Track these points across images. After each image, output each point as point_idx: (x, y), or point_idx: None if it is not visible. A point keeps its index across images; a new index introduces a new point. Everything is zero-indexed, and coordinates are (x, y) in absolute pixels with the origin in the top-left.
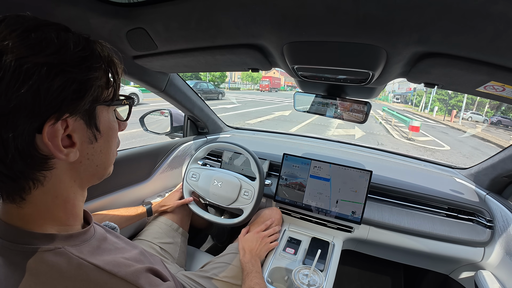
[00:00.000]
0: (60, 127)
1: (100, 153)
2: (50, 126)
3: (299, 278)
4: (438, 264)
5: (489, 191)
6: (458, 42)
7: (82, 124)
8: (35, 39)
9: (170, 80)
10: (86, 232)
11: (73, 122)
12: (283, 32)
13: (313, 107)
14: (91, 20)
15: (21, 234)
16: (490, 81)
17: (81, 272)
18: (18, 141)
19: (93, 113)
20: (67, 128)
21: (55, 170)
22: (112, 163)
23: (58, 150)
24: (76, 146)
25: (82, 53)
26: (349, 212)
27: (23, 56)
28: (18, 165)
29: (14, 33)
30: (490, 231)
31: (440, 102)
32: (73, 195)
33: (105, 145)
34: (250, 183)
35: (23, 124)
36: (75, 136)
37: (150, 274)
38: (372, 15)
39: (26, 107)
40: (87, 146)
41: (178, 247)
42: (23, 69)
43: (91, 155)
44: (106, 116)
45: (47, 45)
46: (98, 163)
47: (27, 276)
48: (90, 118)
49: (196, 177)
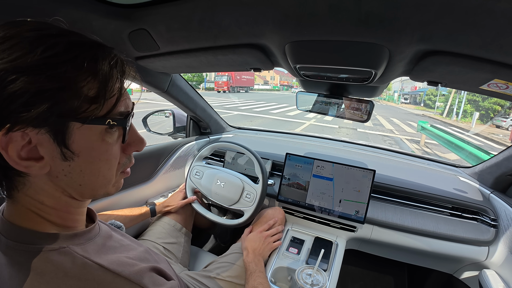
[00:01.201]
0: (20, 138)
1: (81, 173)
2: (2, 136)
3: (302, 277)
4: (442, 264)
5: (493, 189)
6: (461, 39)
7: (49, 139)
8: (5, 46)
9: (173, 80)
10: (90, 231)
11: (36, 135)
12: (285, 31)
13: (316, 106)
14: (93, 22)
15: (25, 233)
16: (494, 79)
17: (85, 272)
18: None
19: (62, 129)
20: (31, 140)
21: (32, 178)
22: (107, 185)
23: (13, 161)
24: (45, 160)
25: (51, 59)
26: (353, 212)
27: None
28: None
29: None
30: (495, 230)
31: (471, 104)
32: (64, 204)
33: (88, 166)
34: (252, 185)
35: None
36: (40, 149)
37: (154, 273)
38: (374, 13)
39: None
40: (61, 162)
41: (181, 247)
42: None
43: (69, 172)
44: (87, 134)
45: (13, 51)
46: (81, 183)
47: (31, 276)
48: (56, 134)
49: (200, 175)
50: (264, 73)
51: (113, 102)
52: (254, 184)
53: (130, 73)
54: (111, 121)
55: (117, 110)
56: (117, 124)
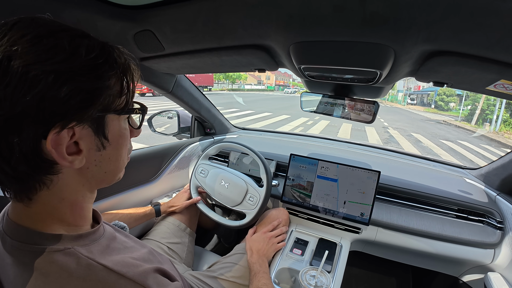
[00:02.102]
0: (66, 135)
1: (109, 160)
2: (54, 134)
3: (306, 279)
4: (447, 266)
5: (499, 191)
6: (467, 40)
7: (89, 132)
8: (45, 46)
9: (177, 81)
10: (95, 232)
11: (80, 130)
12: (290, 32)
13: (320, 107)
14: (98, 23)
15: (30, 234)
16: (500, 79)
17: (90, 273)
18: (23, 146)
19: (102, 122)
20: (73, 136)
21: (62, 174)
22: (122, 169)
23: (62, 157)
24: (83, 153)
25: (94, 61)
26: (357, 213)
27: (31, 62)
28: (22, 167)
29: (25, 38)
30: (500, 232)
31: (506, 109)
32: (81, 198)
33: (115, 152)
34: (256, 188)
35: (28, 130)
36: (81, 143)
37: (158, 274)
38: (379, 13)
39: (31, 114)
40: (95, 153)
41: (185, 247)
42: (30, 76)
43: (99, 162)
44: (117, 124)
45: (57, 52)
46: (107, 170)
47: (36, 276)
48: (98, 127)
49: (205, 174)
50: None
51: (132, 93)
52: (258, 187)
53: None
54: (137, 110)
55: (132, 100)
56: (141, 112)
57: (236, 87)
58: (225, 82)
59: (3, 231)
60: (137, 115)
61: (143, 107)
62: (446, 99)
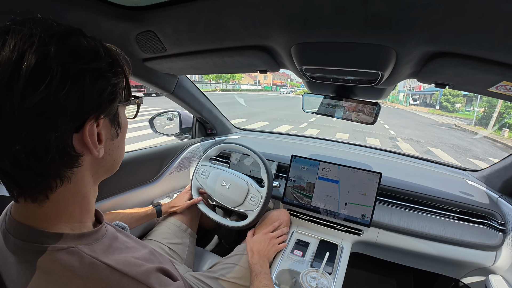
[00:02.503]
0: (95, 126)
1: (118, 149)
2: (90, 125)
3: (307, 280)
4: (449, 268)
5: (501, 193)
6: (469, 41)
7: (108, 123)
8: (72, 46)
9: (179, 82)
10: (98, 231)
11: (102, 121)
12: (291, 33)
13: (322, 108)
14: (101, 24)
15: (34, 233)
16: (502, 81)
17: (93, 271)
18: (59, 141)
19: (116, 112)
20: (97, 127)
21: (82, 167)
22: (122, 158)
23: (95, 146)
24: (103, 143)
25: (110, 59)
26: (358, 215)
27: (68, 62)
28: (56, 164)
29: (53, 38)
30: (502, 234)
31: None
32: (89, 191)
33: (122, 140)
34: (258, 188)
35: (64, 125)
36: (102, 133)
37: (160, 273)
38: (380, 14)
39: (71, 109)
40: (110, 142)
41: (186, 248)
42: (70, 74)
43: (112, 150)
44: (123, 114)
45: (85, 52)
46: (115, 158)
47: (39, 275)
48: (114, 117)
49: (206, 175)
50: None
51: (129, 85)
52: (259, 187)
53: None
54: (137, 100)
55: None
56: (140, 101)
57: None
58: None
59: (6, 230)
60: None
61: (139, 98)
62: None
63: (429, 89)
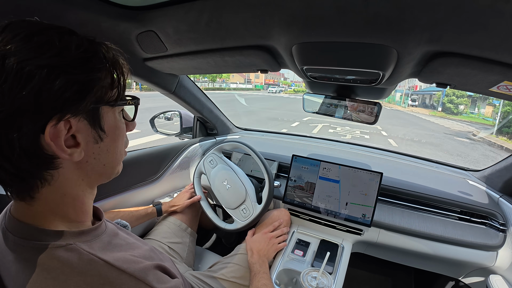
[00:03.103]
0: (63, 127)
1: (107, 153)
2: (52, 127)
3: (307, 280)
4: (449, 268)
5: (502, 193)
6: (470, 41)
7: (86, 125)
8: (37, 42)
9: (180, 81)
10: (97, 228)
11: (77, 123)
12: (292, 33)
13: (322, 108)
14: (102, 24)
15: (32, 230)
16: (503, 81)
17: (91, 268)
18: (23, 141)
19: (97, 114)
20: (70, 129)
21: (62, 169)
22: (120, 162)
23: (61, 150)
24: (81, 146)
25: (84, 54)
26: (359, 214)
27: (25, 59)
28: (24, 164)
29: (17, 37)
30: (503, 234)
31: None
32: (82, 193)
33: (112, 144)
34: (253, 203)
35: (27, 125)
36: (79, 136)
37: (158, 271)
38: (382, 14)
39: (29, 108)
40: (93, 146)
41: (186, 247)
42: (25, 71)
43: (98, 154)
44: (112, 116)
45: (49, 47)
46: (105, 162)
47: (38, 272)
48: (94, 119)
49: (213, 164)
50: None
51: (123, 85)
52: (256, 202)
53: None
54: (130, 101)
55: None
56: (134, 103)
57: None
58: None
59: (5, 228)
60: (131, 107)
61: (135, 99)
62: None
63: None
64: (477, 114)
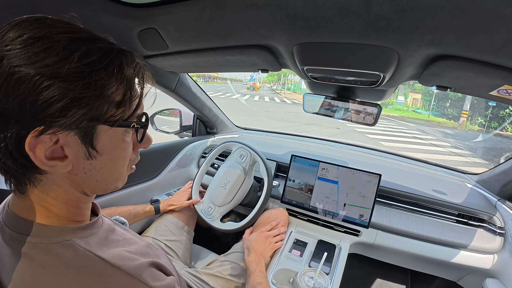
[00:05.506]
0: (48, 139)
1: (101, 170)
2: (32, 138)
3: (304, 280)
4: (447, 271)
5: (500, 197)
6: (471, 44)
7: (76, 140)
8: (37, 48)
9: (180, 80)
10: (93, 224)
11: (65, 137)
12: (294, 33)
13: (322, 109)
14: (103, 20)
15: (29, 225)
16: (504, 85)
17: (86, 264)
18: (8, 142)
19: (91, 131)
20: (57, 141)
21: (50, 175)
22: (118, 180)
23: (40, 161)
24: (68, 159)
25: (88, 67)
26: (357, 216)
27: (18, 64)
28: (11, 163)
29: (20, 38)
30: (501, 238)
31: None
32: (76, 199)
33: (108, 163)
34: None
35: (12, 128)
36: (67, 150)
37: (153, 268)
38: (383, 16)
39: (12, 115)
40: (83, 161)
41: (183, 245)
42: (14, 78)
43: (89, 170)
44: (111, 135)
45: (48, 55)
46: (98, 179)
47: (34, 267)
48: (85, 136)
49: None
50: None
51: (135, 105)
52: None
53: (149, 78)
54: (135, 124)
55: (137, 112)
56: (140, 127)
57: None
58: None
59: (2, 222)
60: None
61: (144, 123)
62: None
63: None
64: (405, 105)
